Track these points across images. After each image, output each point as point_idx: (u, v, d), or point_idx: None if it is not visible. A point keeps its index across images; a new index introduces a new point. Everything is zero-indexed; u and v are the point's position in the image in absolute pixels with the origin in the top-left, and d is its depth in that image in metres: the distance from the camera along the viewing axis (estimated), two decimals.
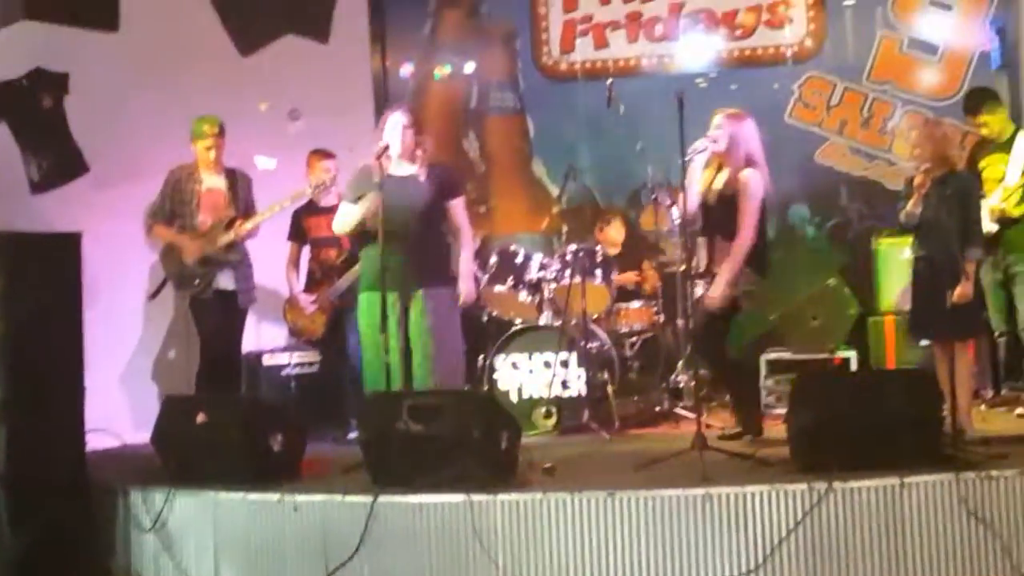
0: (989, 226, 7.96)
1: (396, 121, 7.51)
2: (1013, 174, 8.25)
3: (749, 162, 7.47)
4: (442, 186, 7.62)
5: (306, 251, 9.31)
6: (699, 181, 7.54)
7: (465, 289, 7.74)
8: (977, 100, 8.68)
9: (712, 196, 7.56)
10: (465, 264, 7.81)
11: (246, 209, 8.76)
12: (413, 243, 7.36)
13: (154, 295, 8.99)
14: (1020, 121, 9.42)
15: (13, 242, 7.00)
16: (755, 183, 7.42)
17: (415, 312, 7.45)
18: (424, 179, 7.55)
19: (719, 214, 7.49)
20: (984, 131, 8.54)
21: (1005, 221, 8.19)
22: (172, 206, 8.72)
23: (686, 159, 7.12)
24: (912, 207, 7.13)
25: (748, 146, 7.49)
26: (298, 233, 9.24)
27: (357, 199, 7.55)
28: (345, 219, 7.67)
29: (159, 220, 8.74)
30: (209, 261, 8.58)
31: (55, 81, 9.22)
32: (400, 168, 7.50)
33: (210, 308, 8.69)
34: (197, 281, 8.61)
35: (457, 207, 7.75)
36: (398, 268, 7.18)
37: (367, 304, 7.48)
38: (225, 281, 8.71)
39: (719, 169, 7.60)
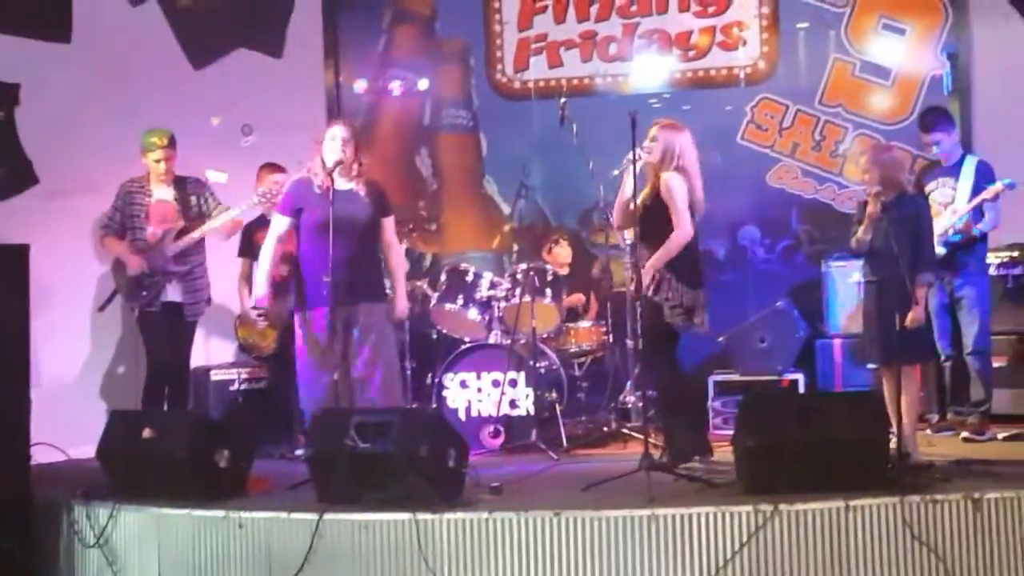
0: (937, 249, 8.00)
1: (335, 134, 7.51)
2: (961, 198, 8.31)
3: (679, 171, 7.43)
4: (379, 203, 7.66)
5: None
6: (641, 195, 7.50)
7: (402, 305, 7.84)
8: (933, 118, 8.68)
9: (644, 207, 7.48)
10: (400, 281, 7.87)
11: (203, 215, 8.78)
12: (355, 259, 7.39)
13: (103, 307, 8.95)
14: (970, 145, 9.52)
15: None
16: (675, 183, 7.32)
17: (356, 328, 7.44)
18: (364, 195, 7.57)
19: (647, 221, 7.38)
20: (935, 149, 8.55)
21: (952, 245, 8.25)
22: (123, 219, 8.73)
23: (619, 169, 7.13)
24: (863, 233, 7.15)
25: (683, 158, 7.43)
26: (249, 248, 9.17)
27: (294, 211, 7.57)
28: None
29: (110, 232, 8.76)
30: (154, 274, 8.58)
31: (6, 92, 9.17)
32: (340, 183, 7.46)
33: (158, 321, 8.67)
34: (145, 293, 8.59)
35: (390, 224, 7.79)
36: (342, 284, 7.20)
37: (308, 321, 7.48)
38: (173, 293, 8.70)
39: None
